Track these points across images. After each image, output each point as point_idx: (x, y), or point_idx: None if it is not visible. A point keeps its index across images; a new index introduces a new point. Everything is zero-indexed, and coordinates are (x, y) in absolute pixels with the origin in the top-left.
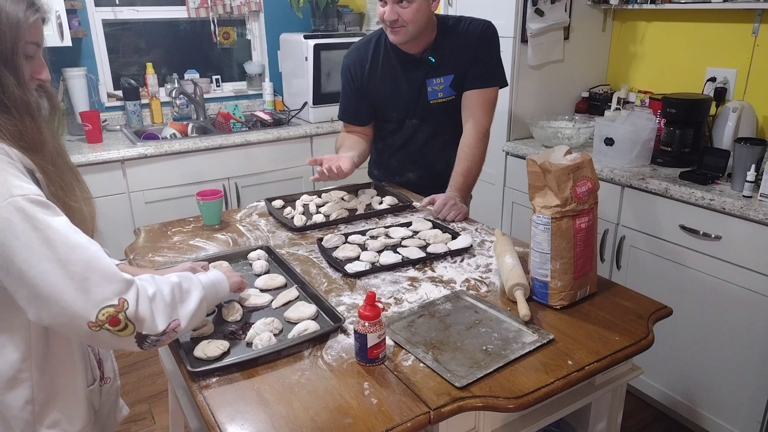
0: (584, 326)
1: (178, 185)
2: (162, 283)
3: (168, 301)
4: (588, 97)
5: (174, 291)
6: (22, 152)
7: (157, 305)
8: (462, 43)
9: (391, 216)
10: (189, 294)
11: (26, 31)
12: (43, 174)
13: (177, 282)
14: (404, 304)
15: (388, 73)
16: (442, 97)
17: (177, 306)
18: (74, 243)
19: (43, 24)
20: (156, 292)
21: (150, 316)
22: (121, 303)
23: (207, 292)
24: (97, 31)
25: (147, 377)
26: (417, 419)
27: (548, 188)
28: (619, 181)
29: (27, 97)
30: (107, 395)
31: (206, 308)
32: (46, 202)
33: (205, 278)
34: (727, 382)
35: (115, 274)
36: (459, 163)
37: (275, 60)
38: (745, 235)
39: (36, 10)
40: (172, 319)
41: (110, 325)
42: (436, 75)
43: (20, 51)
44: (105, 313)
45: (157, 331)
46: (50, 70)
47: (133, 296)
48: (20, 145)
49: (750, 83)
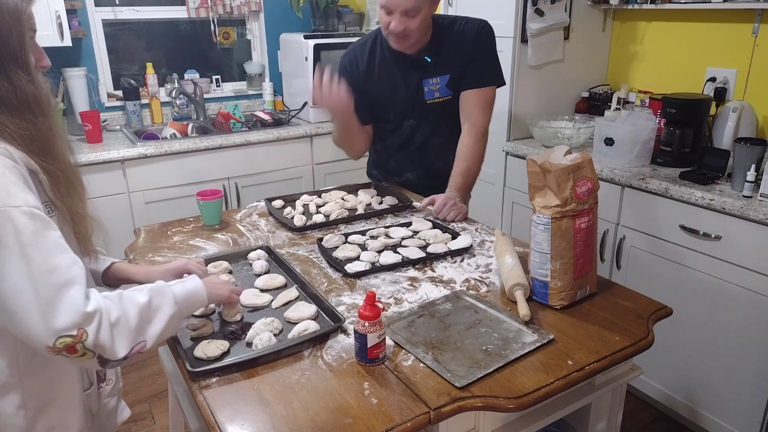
0: (584, 326)
1: (178, 185)
2: (129, 305)
3: (133, 325)
4: (588, 97)
5: (142, 313)
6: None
7: (120, 332)
8: (457, 43)
9: (391, 216)
10: (158, 311)
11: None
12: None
13: (146, 302)
14: (404, 304)
15: (384, 73)
16: (438, 97)
17: (144, 328)
18: (52, 266)
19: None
20: (120, 317)
21: (110, 344)
22: (80, 334)
23: (180, 307)
24: (97, 31)
25: (147, 377)
26: (417, 419)
27: (548, 188)
28: (619, 181)
29: (38, 92)
30: (108, 397)
31: (178, 322)
32: (39, 215)
33: (181, 291)
34: (727, 382)
35: (78, 307)
36: (458, 163)
37: (275, 60)
38: (745, 235)
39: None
40: (137, 342)
41: (67, 352)
42: (432, 75)
43: (28, 44)
44: (62, 342)
45: (117, 357)
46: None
47: (94, 327)
48: (30, 148)
49: (750, 83)
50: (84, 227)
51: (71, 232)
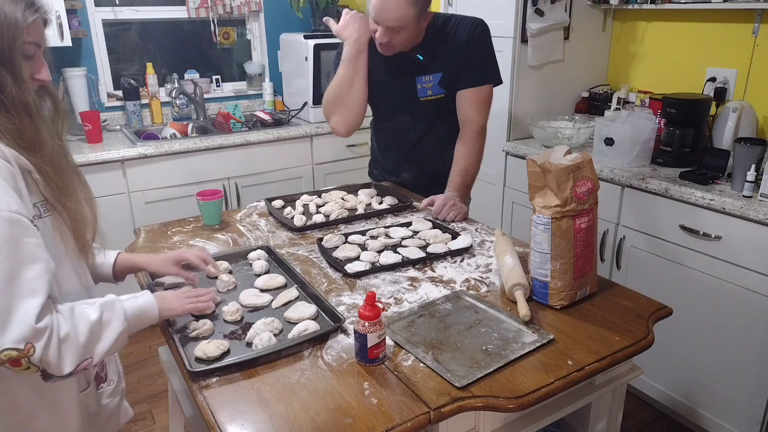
0: (584, 326)
1: (178, 185)
2: (80, 322)
3: (82, 342)
4: (588, 97)
5: (92, 329)
6: (20, 152)
7: (68, 348)
8: (450, 41)
9: (391, 216)
10: (107, 328)
11: (24, 31)
12: (41, 174)
13: (96, 319)
14: (404, 304)
15: (377, 66)
16: (431, 94)
17: (92, 345)
18: (16, 275)
19: (45, 25)
20: (69, 332)
21: (56, 360)
22: (27, 349)
23: (129, 323)
24: (97, 31)
25: (147, 377)
26: (417, 419)
27: (548, 188)
28: (619, 181)
29: (25, 96)
30: (109, 398)
31: (125, 339)
32: (19, 222)
33: (131, 307)
34: (727, 382)
35: (30, 321)
36: (456, 163)
37: (275, 60)
38: (745, 235)
39: (35, 10)
40: (84, 359)
41: (10, 365)
42: (425, 72)
43: (18, 51)
44: (7, 355)
45: (62, 374)
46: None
47: (42, 343)
48: (18, 144)
49: (750, 83)
50: (82, 225)
51: (68, 231)
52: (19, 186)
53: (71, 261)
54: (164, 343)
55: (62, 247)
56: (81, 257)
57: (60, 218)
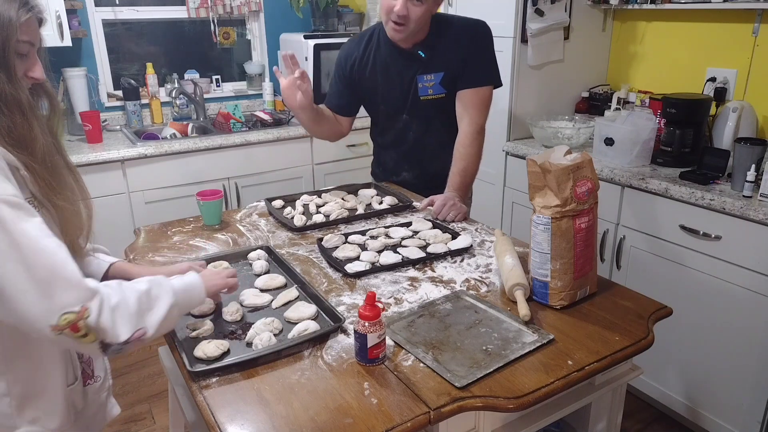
0: (584, 326)
1: (178, 185)
2: (128, 291)
3: (133, 310)
4: (588, 97)
5: (141, 299)
6: (8, 148)
7: (121, 314)
8: (452, 41)
9: (391, 216)
10: (158, 301)
11: (18, 29)
12: (29, 172)
13: (146, 289)
14: (404, 304)
15: (378, 65)
16: (432, 94)
17: (144, 314)
18: (41, 247)
19: (40, 24)
20: (120, 301)
21: (111, 326)
22: (83, 310)
23: (178, 298)
24: (97, 31)
25: (147, 377)
26: (417, 419)
27: (548, 188)
28: (619, 181)
29: (18, 94)
30: (95, 394)
31: (178, 314)
32: (19, 203)
33: (179, 284)
34: (727, 382)
35: (79, 282)
36: (455, 163)
37: (275, 60)
38: (745, 235)
39: (29, 9)
40: (137, 328)
41: (71, 330)
42: (426, 71)
43: (11, 49)
44: (65, 319)
45: (118, 341)
46: (47, 69)
47: (96, 305)
48: (7, 141)
49: (750, 83)
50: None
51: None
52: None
53: None
54: (164, 343)
55: None
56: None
57: (48, 215)
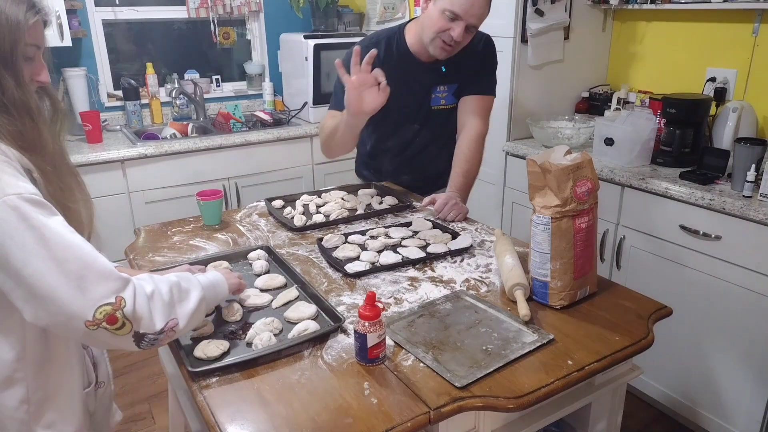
0: (584, 326)
1: (178, 185)
2: (160, 282)
3: (166, 300)
4: (588, 97)
5: (173, 290)
6: (21, 152)
7: (155, 304)
8: (469, 54)
9: (391, 216)
10: (188, 293)
11: (26, 32)
12: (42, 174)
13: (176, 281)
14: (404, 304)
15: (396, 76)
16: (444, 104)
17: (176, 305)
18: (69, 242)
19: (45, 26)
20: (154, 290)
21: (148, 314)
22: (119, 301)
23: (206, 293)
24: (97, 31)
25: (147, 377)
26: (417, 419)
27: (548, 188)
28: (619, 181)
29: (27, 98)
30: (102, 399)
31: (205, 309)
32: (41, 201)
33: (204, 279)
34: (727, 382)
35: (111, 272)
36: (459, 164)
37: (275, 60)
38: (745, 235)
39: (36, 12)
40: (171, 318)
41: (108, 323)
42: (443, 83)
43: (20, 53)
44: (102, 311)
45: (155, 330)
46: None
47: (131, 294)
48: (19, 145)
49: (750, 83)
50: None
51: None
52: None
53: None
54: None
55: None
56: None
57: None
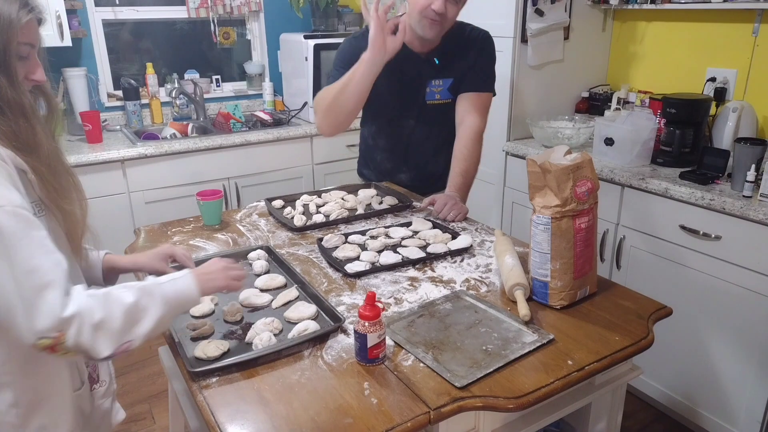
0: (584, 326)
1: (178, 185)
2: (114, 306)
3: (117, 326)
4: (588, 97)
5: (128, 313)
6: (16, 152)
7: (103, 333)
8: (464, 48)
9: (391, 216)
10: (146, 312)
11: (19, 31)
12: (36, 175)
13: (133, 302)
14: (404, 304)
15: (390, 68)
16: (439, 99)
17: (131, 328)
18: (33, 267)
19: (40, 25)
20: (104, 318)
21: (91, 345)
22: (59, 336)
23: (170, 307)
24: (97, 31)
25: (147, 377)
26: (417, 419)
27: (548, 188)
28: (619, 181)
29: (21, 98)
30: (101, 398)
31: (168, 322)
32: (23, 215)
33: (171, 291)
34: (727, 382)
35: (56, 311)
36: (457, 164)
37: (275, 60)
38: (745, 235)
39: (30, 10)
40: (123, 342)
41: (49, 351)
42: (437, 77)
43: (13, 52)
44: (42, 343)
45: (100, 357)
46: (47, 70)
47: (74, 331)
48: (14, 145)
49: (750, 83)
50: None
51: (62, 232)
52: (18, 184)
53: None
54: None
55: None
56: (74, 259)
57: (54, 219)
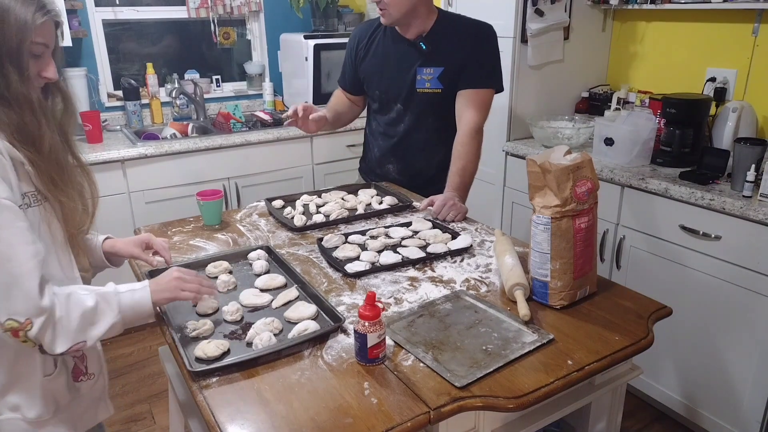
0: (584, 326)
1: (178, 185)
2: (74, 308)
3: (73, 327)
4: (588, 97)
5: (85, 316)
6: (15, 144)
7: (61, 331)
8: (457, 37)
9: (391, 216)
10: (102, 317)
11: (33, 32)
12: (33, 167)
13: (91, 307)
14: (404, 304)
15: (380, 51)
16: (429, 87)
17: (86, 329)
18: (12, 254)
19: (57, 27)
20: (62, 317)
21: (50, 341)
22: (26, 323)
23: (124, 315)
24: (97, 31)
25: (147, 377)
26: (417, 419)
27: (548, 188)
28: (619, 181)
29: (29, 92)
30: (88, 391)
31: (120, 329)
32: (7, 206)
33: (128, 301)
34: (727, 382)
35: (33, 298)
36: (454, 163)
37: (275, 60)
38: (745, 235)
39: (45, 13)
40: (77, 342)
41: (12, 334)
42: (427, 64)
43: (26, 50)
44: (9, 325)
45: (55, 352)
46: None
47: (40, 322)
48: (15, 137)
49: (750, 83)
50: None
51: (57, 223)
52: (9, 176)
53: (56, 252)
54: (164, 343)
55: (48, 238)
56: (68, 249)
57: (50, 209)
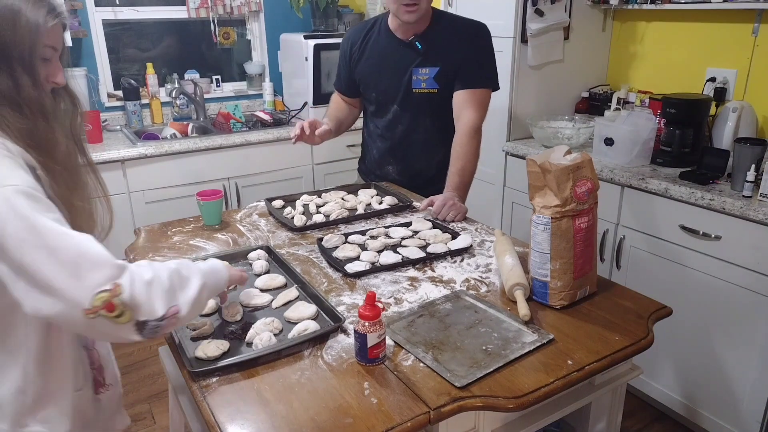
0: (584, 326)
1: (178, 185)
2: (160, 269)
3: (166, 286)
4: (588, 97)
5: (173, 277)
6: (28, 150)
7: (155, 290)
8: (451, 37)
9: (391, 216)
10: (189, 280)
11: (44, 35)
12: (46, 173)
13: (175, 268)
14: (404, 304)
15: (376, 53)
16: (425, 87)
17: (177, 292)
18: (61, 231)
19: (64, 30)
20: (153, 277)
21: (147, 300)
22: (116, 287)
23: (207, 280)
24: (97, 31)
25: (147, 377)
26: (417, 419)
27: (548, 188)
28: (619, 181)
29: (42, 98)
30: (107, 402)
31: (207, 296)
32: (36, 196)
33: (204, 265)
34: (727, 382)
35: (107, 260)
36: (453, 163)
37: (275, 60)
38: (745, 235)
39: (56, 15)
40: (171, 305)
41: (106, 311)
42: (422, 65)
43: (38, 54)
44: (99, 299)
45: (156, 316)
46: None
47: (127, 281)
48: (27, 143)
49: (750, 83)
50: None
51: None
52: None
53: None
54: (164, 343)
55: None
56: None
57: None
